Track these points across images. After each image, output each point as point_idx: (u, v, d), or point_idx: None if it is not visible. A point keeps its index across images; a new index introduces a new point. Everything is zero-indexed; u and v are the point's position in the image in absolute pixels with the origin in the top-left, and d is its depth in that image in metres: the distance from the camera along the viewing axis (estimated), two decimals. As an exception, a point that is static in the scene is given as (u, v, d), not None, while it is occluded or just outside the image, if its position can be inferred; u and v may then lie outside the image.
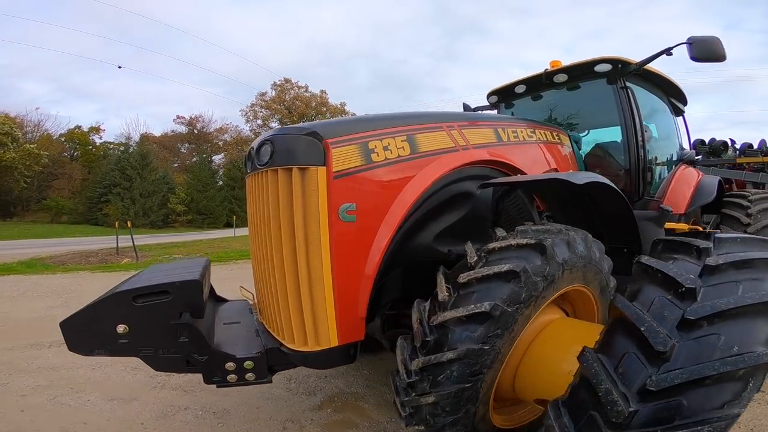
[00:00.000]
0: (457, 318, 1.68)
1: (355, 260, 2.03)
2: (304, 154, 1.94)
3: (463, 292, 1.75)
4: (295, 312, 2.01)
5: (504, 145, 2.78)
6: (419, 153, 2.24)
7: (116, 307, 1.90)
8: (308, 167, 1.93)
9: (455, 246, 2.49)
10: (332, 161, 1.94)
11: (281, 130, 2.10)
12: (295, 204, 1.95)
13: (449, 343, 1.66)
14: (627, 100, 3.57)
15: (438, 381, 1.67)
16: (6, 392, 3.36)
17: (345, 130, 2.06)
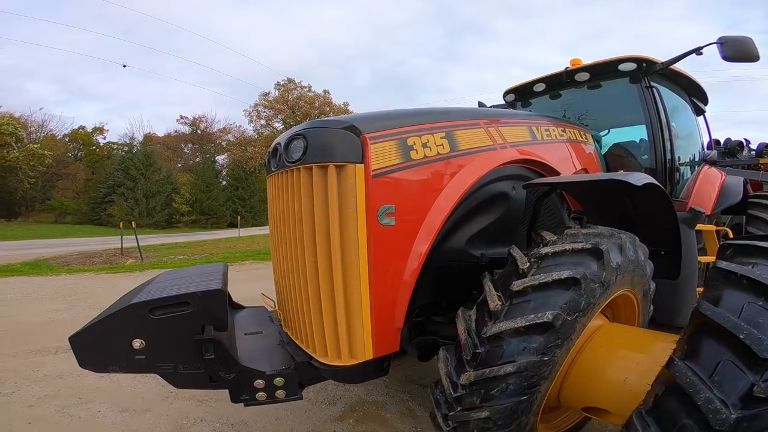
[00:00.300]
0: (514, 329, 1.57)
1: (393, 267, 1.90)
2: (341, 150, 1.78)
3: (517, 300, 1.65)
4: (328, 323, 1.86)
5: (538, 143, 2.66)
6: (459, 151, 2.12)
7: (131, 320, 1.74)
8: (345, 165, 1.78)
9: (488, 249, 2.39)
10: (371, 158, 1.80)
11: (315, 123, 1.92)
12: (330, 205, 1.79)
13: (505, 355, 1.57)
14: (653, 100, 3.50)
15: (491, 395, 1.57)
16: (12, 402, 3.20)
17: (383, 124, 1.92)
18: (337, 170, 1.78)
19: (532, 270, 1.71)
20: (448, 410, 1.67)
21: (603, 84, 3.82)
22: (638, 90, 3.56)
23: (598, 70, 3.72)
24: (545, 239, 1.88)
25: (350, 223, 1.78)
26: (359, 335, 1.84)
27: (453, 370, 1.68)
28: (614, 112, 3.95)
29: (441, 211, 2.00)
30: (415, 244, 1.93)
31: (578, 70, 3.79)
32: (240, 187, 39.31)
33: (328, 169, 1.78)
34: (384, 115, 2.06)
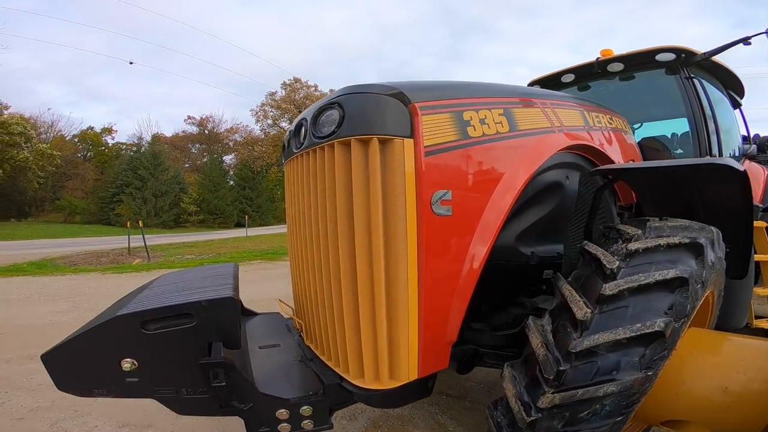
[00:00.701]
0: (615, 341, 1.35)
1: (448, 266, 1.56)
2: (386, 121, 1.45)
3: (609, 307, 1.42)
4: (366, 338, 1.51)
5: (591, 130, 2.39)
6: (519, 131, 1.81)
7: (118, 336, 1.41)
8: (392, 138, 1.44)
9: (538, 247, 2.09)
10: (422, 133, 1.46)
11: (352, 88, 1.56)
12: (371, 190, 1.44)
13: (601, 372, 1.36)
14: (694, 91, 3.33)
15: (580, 418, 1.37)
16: (1, 414, 2.90)
17: (435, 93, 1.60)
18: (381, 146, 1.44)
19: (622, 270, 1.47)
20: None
21: (636, 75, 3.62)
22: (677, 81, 3.36)
23: (633, 61, 3.52)
24: (628, 234, 1.62)
25: (397, 211, 1.44)
26: (403, 352, 1.50)
27: (524, 390, 1.46)
28: (649, 105, 3.78)
29: (503, 201, 1.67)
30: (474, 238, 1.60)
31: (611, 60, 3.58)
32: (247, 186, 39.21)
33: (370, 144, 1.44)
34: (434, 84, 1.72)
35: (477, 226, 1.62)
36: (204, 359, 1.38)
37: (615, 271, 1.47)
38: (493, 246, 1.89)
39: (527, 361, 1.52)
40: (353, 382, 1.57)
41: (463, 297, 1.60)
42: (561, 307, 1.53)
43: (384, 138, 1.44)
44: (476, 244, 1.61)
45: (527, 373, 1.49)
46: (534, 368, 1.46)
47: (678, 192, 2.29)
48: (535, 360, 1.47)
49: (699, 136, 3.32)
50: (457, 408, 3.05)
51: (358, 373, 1.56)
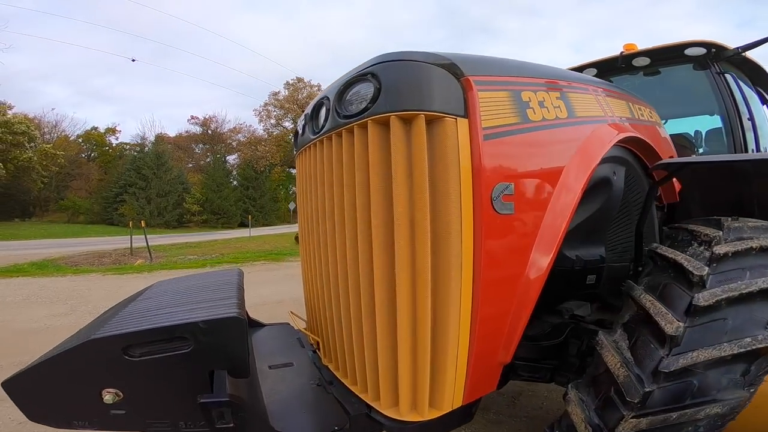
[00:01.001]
0: (717, 358, 1.19)
1: (509, 277, 1.31)
2: (436, 94, 1.18)
3: (703, 319, 1.25)
4: (404, 360, 1.24)
5: (637, 123, 2.18)
6: (577, 118, 1.60)
7: (93, 363, 1.14)
8: (443, 117, 1.17)
9: (582, 250, 1.87)
10: (480, 111, 1.20)
11: (388, 56, 1.27)
12: (416, 180, 1.17)
13: (699, 392, 1.20)
14: (726, 87, 3.19)
15: None
16: None
17: (490, 67, 1.34)
18: (429, 125, 1.17)
19: (711, 277, 1.30)
20: None
21: (662, 70, 3.50)
22: (708, 77, 3.23)
23: (660, 55, 3.40)
24: (707, 235, 1.44)
25: (450, 208, 1.17)
26: (449, 377, 1.25)
27: (595, 414, 1.30)
28: (674, 101, 3.63)
29: (567, 197, 1.43)
30: (537, 242, 1.35)
31: (636, 54, 3.46)
32: (250, 187, 39.04)
33: (414, 122, 1.17)
34: (487, 58, 1.45)
35: (540, 227, 1.37)
36: (205, 397, 1.10)
37: (704, 278, 1.29)
38: None
39: (597, 381, 1.36)
40: (385, 412, 1.31)
41: (523, 311, 1.36)
42: (638, 320, 1.35)
43: (432, 115, 1.18)
44: (540, 249, 1.36)
45: (598, 395, 1.33)
46: (608, 389, 1.30)
47: (729, 189, 2.10)
48: (608, 380, 1.31)
49: (734, 133, 3.16)
50: (481, 421, 2.80)
51: (391, 401, 1.31)
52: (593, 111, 1.73)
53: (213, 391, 1.10)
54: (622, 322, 1.43)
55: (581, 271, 1.90)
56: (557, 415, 2.94)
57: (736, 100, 3.18)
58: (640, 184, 2.18)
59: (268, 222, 37.64)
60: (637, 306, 1.38)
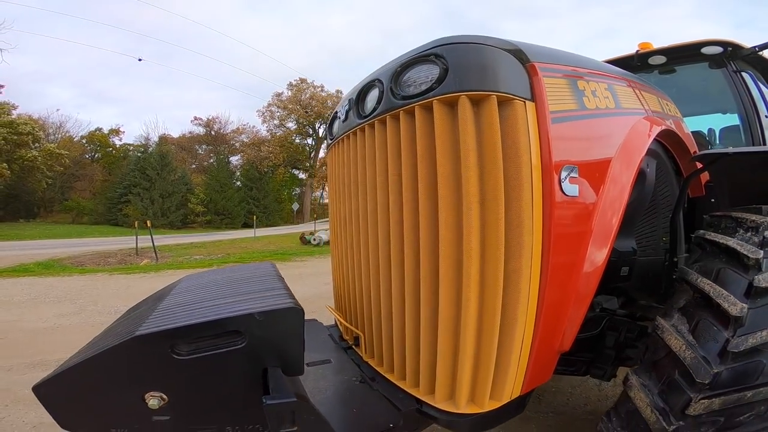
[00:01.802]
0: None
1: (574, 261, 1.29)
2: (506, 77, 1.20)
3: (765, 300, 1.29)
4: (467, 350, 1.19)
5: (666, 117, 2.24)
6: (623, 110, 1.67)
7: (137, 362, 1.05)
8: (512, 99, 1.18)
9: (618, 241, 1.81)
10: (546, 96, 1.26)
11: (453, 38, 1.27)
12: (485, 158, 1.16)
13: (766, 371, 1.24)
14: (744, 86, 3.24)
15: (738, 422, 1.25)
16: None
17: (550, 56, 1.41)
18: (499, 107, 1.17)
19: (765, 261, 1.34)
20: None
21: (677, 69, 3.56)
22: (724, 75, 3.28)
23: (676, 54, 3.46)
24: (753, 221, 1.48)
25: (522, 188, 1.15)
26: (512, 367, 1.23)
27: (659, 398, 1.32)
28: (690, 99, 3.65)
29: (621, 184, 1.46)
30: (597, 227, 1.33)
31: (652, 53, 3.52)
32: (254, 187, 39.09)
33: (486, 103, 1.16)
34: (546, 48, 1.48)
35: (598, 212, 1.36)
36: (270, 398, 1.00)
37: (760, 261, 1.33)
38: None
39: (659, 365, 1.39)
40: (439, 406, 1.27)
41: (585, 297, 1.37)
42: (698, 304, 1.39)
43: (504, 97, 1.17)
44: (600, 234, 1.36)
45: (661, 379, 1.35)
46: (671, 372, 1.33)
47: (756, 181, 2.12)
48: (671, 363, 1.34)
49: (752, 131, 3.20)
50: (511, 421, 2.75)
51: (447, 394, 1.28)
52: (634, 104, 1.80)
53: (270, 391, 1.01)
54: (678, 307, 1.44)
55: (616, 262, 1.91)
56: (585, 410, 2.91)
57: (753, 98, 3.22)
58: (668, 178, 2.23)
59: (271, 223, 37.66)
60: (694, 290, 1.41)
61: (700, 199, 2.52)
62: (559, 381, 3.29)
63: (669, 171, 2.25)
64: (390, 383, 1.47)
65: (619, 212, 1.43)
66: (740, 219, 1.52)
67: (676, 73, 3.59)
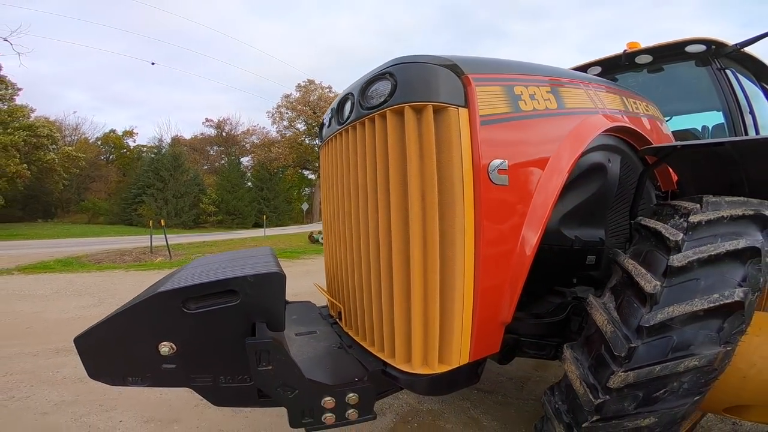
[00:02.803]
0: (691, 313, 1.31)
1: (506, 240, 1.51)
2: (441, 89, 1.44)
3: (679, 279, 1.38)
4: (416, 317, 1.43)
5: (630, 115, 2.36)
6: (566, 109, 1.83)
7: (157, 315, 1.31)
8: (447, 107, 1.42)
9: (580, 231, 2.06)
10: (477, 102, 1.45)
11: (403, 59, 1.54)
12: (425, 158, 1.41)
13: (678, 347, 1.31)
14: (728, 83, 3.31)
15: (655, 397, 1.31)
16: (25, 409, 2.85)
17: (486, 67, 1.61)
18: (435, 114, 1.41)
19: (686, 243, 1.44)
20: (577, 421, 1.39)
21: (665, 68, 3.62)
22: (709, 74, 3.35)
23: (662, 53, 3.52)
24: (686, 208, 1.60)
25: (454, 180, 1.38)
26: (456, 334, 1.43)
27: (588, 371, 1.41)
28: (678, 98, 3.78)
29: (554, 178, 1.64)
30: (530, 213, 1.55)
31: (639, 52, 3.58)
32: (264, 188, 39.57)
33: (424, 111, 1.41)
34: (484, 59, 1.71)
35: (531, 201, 1.57)
36: (252, 339, 1.29)
37: (680, 243, 1.42)
38: None
39: (590, 340, 1.47)
40: (399, 367, 1.49)
41: (519, 274, 1.54)
42: (623, 283, 1.50)
43: (439, 106, 1.42)
44: (532, 219, 1.56)
45: (591, 354, 1.44)
46: (599, 347, 1.41)
47: (723, 173, 2.22)
48: (599, 339, 1.42)
49: (735, 127, 3.25)
50: (489, 402, 2.94)
51: (405, 357, 1.50)
52: (583, 103, 1.95)
53: (257, 335, 1.26)
54: (610, 286, 1.57)
55: (580, 251, 2.07)
56: None
57: (737, 96, 3.27)
58: (637, 173, 2.34)
59: (281, 222, 38.10)
60: (622, 270, 1.53)
61: (674, 193, 2.63)
62: (544, 371, 3.46)
63: (638, 167, 2.37)
64: (363, 349, 1.70)
65: (551, 201, 1.60)
66: (677, 207, 1.65)
67: (666, 72, 3.64)
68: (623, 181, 2.26)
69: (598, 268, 2.17)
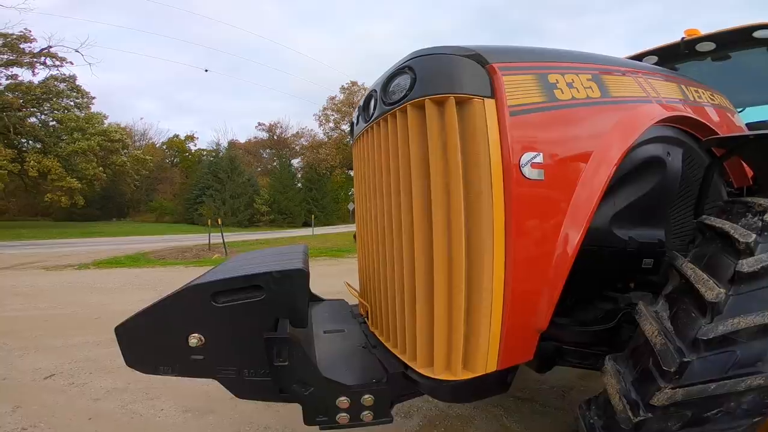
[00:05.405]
0: (761, 326, 1.14)
1: (542, 240, 1.37)
2: (463, 80, 1.34)
3: (748, 287, 1.21)
4: (439, 322, 1.34)
5: (691, 104, 2.14)
6: (612, 98, 1.66)
7: (188, 308, 1.39)
8: (471, 98, 1.32)
9: (635, 231, 1.87)
10: (505, 92, 1.36)
11: (421, 51, 1.46)
12: (448, 151, 1.32)
13: (739, 363, 1.15)
14: None
15: (705, 418, 1.16)
16: (81, 395, 3.12)
17: (513, 55, 1.51)
18: (458, 106, 1.31)
19: (759, 245, 1.26)
20: None
21: (732, 55, 3.33)
22: None
23: (726, 39, 3.25)
24: (760, 205, 1.41)
25: (481, 175, 1.28)
26: (483, 339, 1.32)
27: (632, 386, 1.27)
28: (751, 87, 3.38)
29: (599, 173, 1.48)
30: (570, 211, 1.40)
31: (700, 39, 3.33)
32: (313, 188, 40.81)
33: (446, 103, 1.32)
34: (511, 47, 1.58)
35: (572, 197, 1.41)
36: (269, 334, 1.33)
37: (751, 245, 1.24)
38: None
39: (636, 352, 1.33)
40: (420, 370, 1.41)
41: (557, 278, 1.40)
42: (680, 289, 1.35)
43: (461, 98, 1.32)
44: (573, 217, 1.40)
45: (636, 367, 1.30)
46: (646, 360, 1.26)
47: None
48: (647, 351, 1.27)
49: None
50: (525, 411, 2.77)
51: (427, 360, 1.41)
52: (632, 92, 1.76)
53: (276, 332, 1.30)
54: (665, 293, 1.41)
55: (635, 253, 1.87)
56: None
57: None
58: (702, 167, 2.08)
59: (329, 222, 39.02)
60: (680, 275, 1.37)
61: (749, 189, 2.34)
62: (589, 380, 3.21)
63: (704, 160, 2.10)
64: (386, 350, 1.65)
65: (596, 195, 1.44)
66: (750, 204, 1.44)
67: (733, 60, 3.33)
68: (687, 177, 2.02)
69: (657, 273, 1.95)
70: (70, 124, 28.04)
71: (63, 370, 3.57)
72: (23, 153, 27.41)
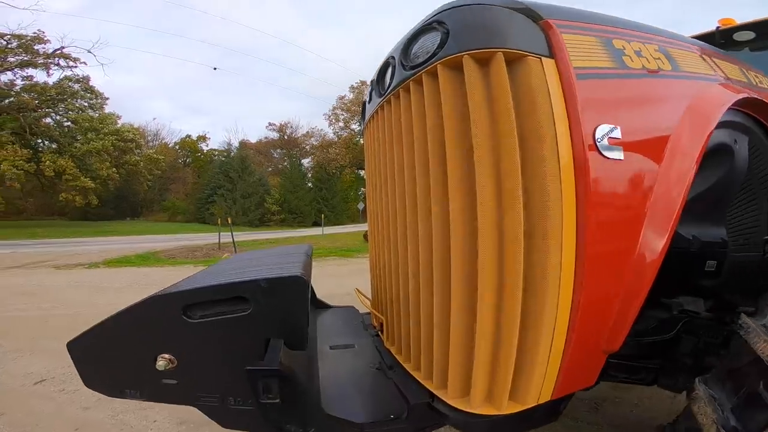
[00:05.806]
0: None
1: (622, 236, 1.05)
2: (513, 32, 1.04)
3: None
4: (482, 341, 1.03)
5: (756, 88, 1.87)
6: (684, 72, 1.40)
7: (153, 323, 1.09)
8: (525, 55, 1.01)
9: (699, 229, 1.63)
10: (567, 52, 1.08)
11: (453, 2, 1.15)
12: (501, 122, 1.00)
13: None
14: None
15: None
16: (70, 402, 2.91)
17: (571, 14, 1.22)
18: (509, 65, 1.01)
19: None
20: None
21: None
22: None
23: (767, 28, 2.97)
24: None
25: (544, 152, 0.97)
26: (539, 366, 1.02)
27: (731, 414, 1.06)
28: None
29: (689, 149, 1.19)
30: (659, 195, 1.09)
31: (737, 29, 3.08)
32: (323, 188, 40.81)
33: (492, 60, 1.01)
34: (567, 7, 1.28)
35: (655, 184, 1.11)
36: (252, 367, 1.01)
37: None
38: None
39: (737, 374, 1.14)
40: (451, 402, 1.11)
41: (639, 286, 1.10)
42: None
43: (513, 54, 1.01)
44: (661, 209, 1.10)
45: (738, 392, 1.09)
46: (754, 384, 1.05)
47: None
48: (755, 372, 1.07)
49: None
50: (556, 426, 2.46)
51: (461, 390, 1.11)
52: (701, 68, 1.52)
53: (264, 359, 0.98)
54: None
55: (698, 254, 1.62)
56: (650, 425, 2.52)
57: None
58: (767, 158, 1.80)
59: (339, 221, 38.96)
60: None
61: None
62: (624, 392, 2.90)
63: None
64: (407, 373, 1.35)
65: (686, 180, 1.17)
66: None
67: None
68: (752, 168, 1.75)
69: (719, 276, 1.68)
70: (84, 125, 28.39)
71: (55, 375, 3.37)
72: (39, 153, 27.82)
